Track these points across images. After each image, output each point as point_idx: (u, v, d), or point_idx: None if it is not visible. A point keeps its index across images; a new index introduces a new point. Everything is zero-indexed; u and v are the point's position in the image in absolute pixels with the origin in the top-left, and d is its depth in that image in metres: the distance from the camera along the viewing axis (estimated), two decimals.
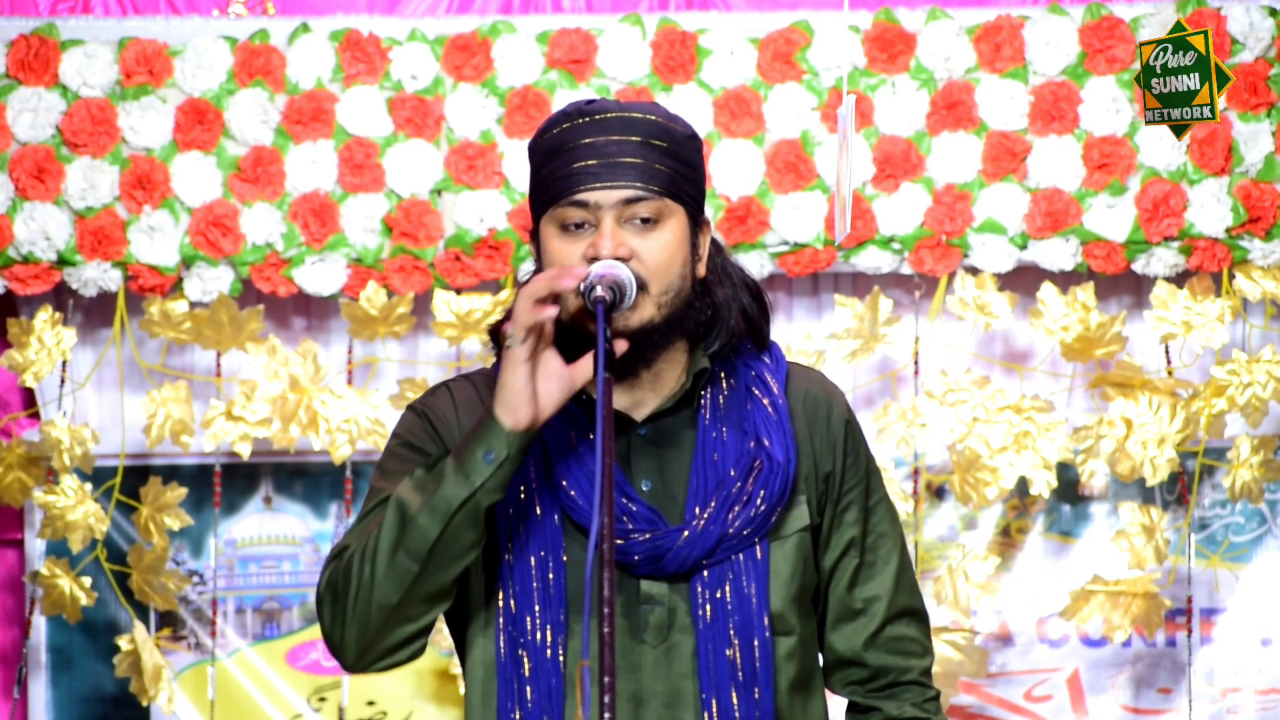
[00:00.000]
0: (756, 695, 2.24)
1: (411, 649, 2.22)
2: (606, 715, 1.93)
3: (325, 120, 4.71)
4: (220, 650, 4.96)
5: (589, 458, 2.25)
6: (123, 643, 4.75)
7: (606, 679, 1.94)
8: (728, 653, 2.24)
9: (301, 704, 4.98)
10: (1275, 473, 4.70)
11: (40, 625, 4.96)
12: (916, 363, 4.82)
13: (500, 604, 2.24)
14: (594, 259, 2.21)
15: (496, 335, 2.33)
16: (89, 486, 4.72)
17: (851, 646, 2.38)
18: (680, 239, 2.27)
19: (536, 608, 2.24)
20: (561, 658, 2.23)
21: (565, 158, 2.25)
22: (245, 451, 4.75)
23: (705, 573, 2.25)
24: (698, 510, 2.25)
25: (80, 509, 4.69)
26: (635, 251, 2.23)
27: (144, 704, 4.80)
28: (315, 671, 5.02)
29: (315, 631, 5.03)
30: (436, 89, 4.73)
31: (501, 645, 2.25)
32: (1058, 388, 4.86)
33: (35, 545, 4.93)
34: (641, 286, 2.22)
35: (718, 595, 2.24)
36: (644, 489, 2.26)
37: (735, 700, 2.23)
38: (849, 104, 2.54)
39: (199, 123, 4.70)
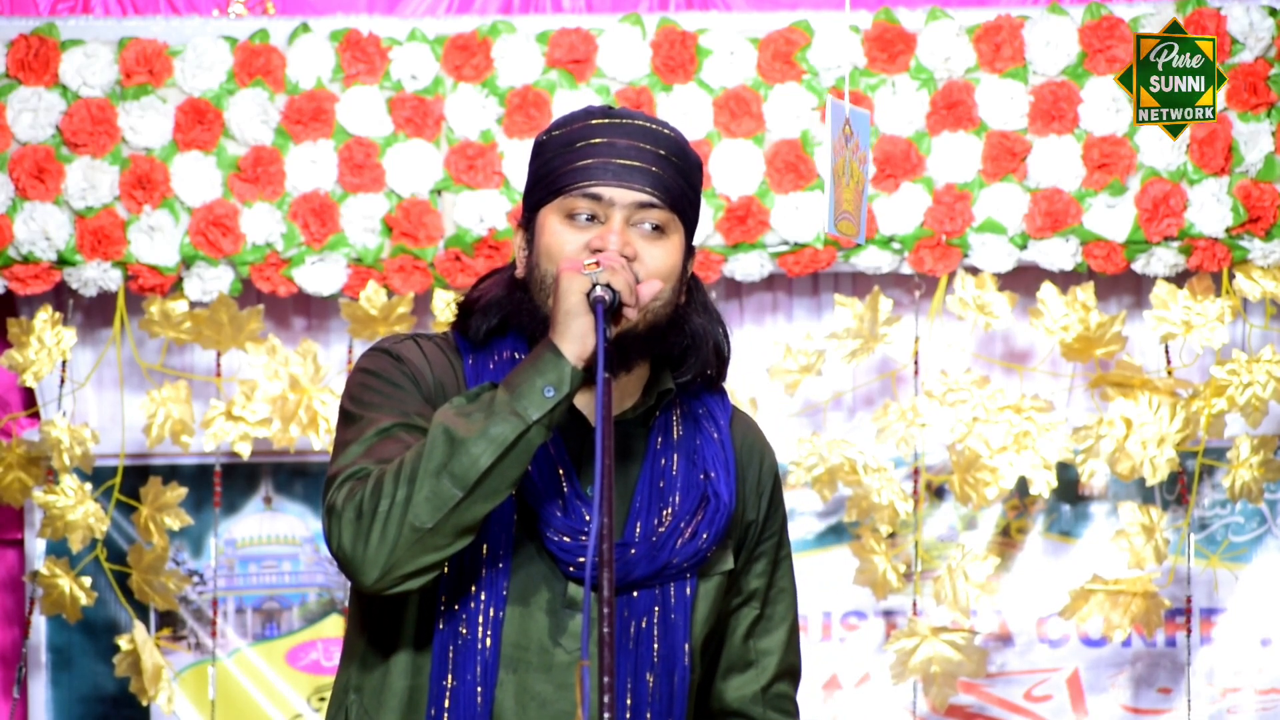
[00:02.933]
0: None
1: (429, 576, 2.16)
2: (606, 715, 1.94)
3: (325, 120, 4.71)
4: (220, 650, 4.96)
5: (543, 453, 2.24)
6: (123, 643, 4.75)
7: (606, 679, 1.95)
8: (648, 680, 2.24)
9: (301, 704, 4.99)
10: (1275, 473, 4.70)
11: (40, 625, 4.96)
12: (916, 363, 4.82)
13: (444, 574, 2.22)
14: (598, 250, 2.22)
15: (464, 309, 2.32)
16: (89, 486, 4.72)
17: (741, 697, 2.40)
18: (679, 255, 2.28)
19: (481, 585, 2.22)
20: (500, 632, 2.22)
21: (581, 151, 2.25)
22: (245, 451, 4.75)
23: (635, 594, 2.25)
24: (639, 528, 2.25)
25: (80, 509, 4.69)
26: (639, 255, 2.24)
27: (144, 704, 4.80)
28: (315, 671, 5.02)
29: (315, 631, 5.03)
30: (436, 89, 4.73)
31: (440, 615, 2.23)
32: (1058, 388, 4.86)
33: (35, 545, 4.93)
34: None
35: (644, 624, 2.25)
36: (588, 493, 2.25)
37: None
38: (841, 106, 2.54)
39: (199, 123, 4.70)
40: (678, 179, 2.27)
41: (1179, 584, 4.86)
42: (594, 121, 2.27)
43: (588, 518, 2.22)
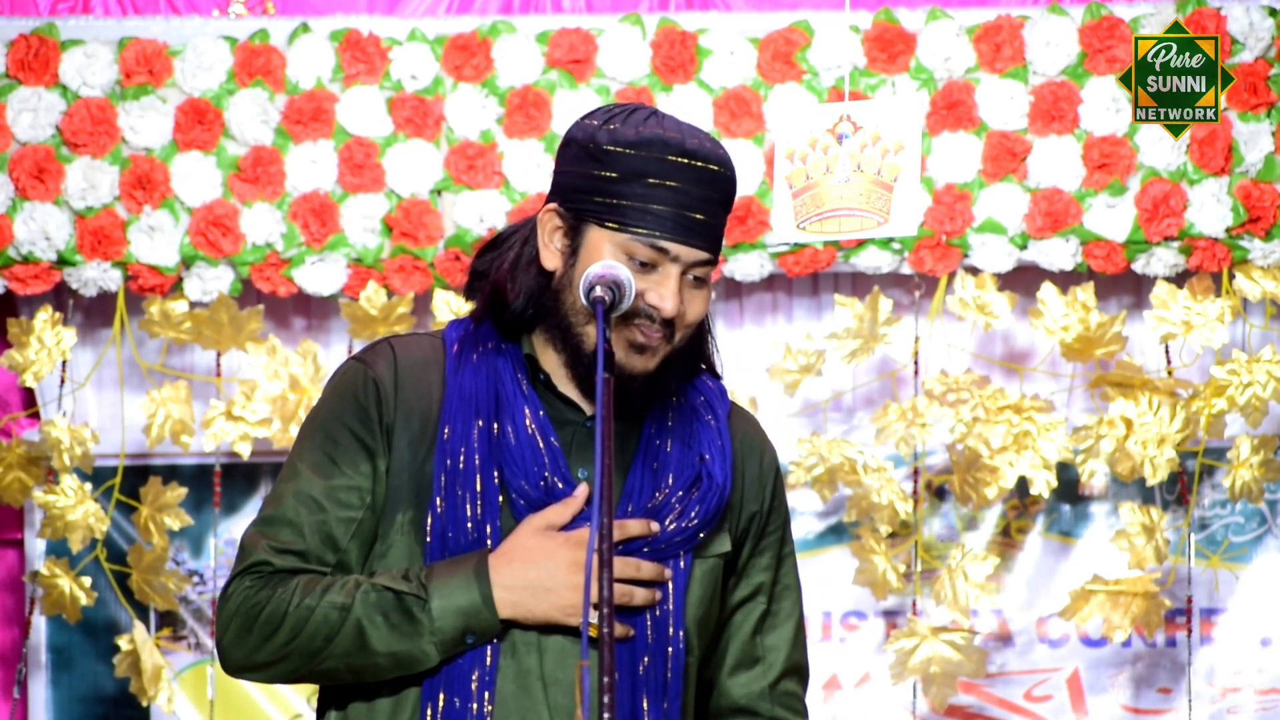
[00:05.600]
0: (666, 705, 2.24)
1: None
2: (606, 716, 1.94)
3: (325, 120, 4.71)
4: None
5: (537, 437, 2.25)
6: (123, 643, 4.75)
7: (606, 679, 1.95)
8: (643, 660, 2.23)
9: (301, 704, 4.99)
10: (1275, 473, 4.70)
11: (40, 625, 4.96)
12: (916, 363, 4.82)
13: (427, 560, 2.23)
14: (654, 307, 2.21)
15: (496, 291, 2.30)
16: (89, 486, 4.72)
17: (748, 694, 2.38)
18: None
19: None
20: None
21: (654, 192, 2.22)
22: (245, 451, 4.75)
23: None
24: (630, 509, 2.25)
25: (80, 509, 4.69)
26: (684, 308, 2.25)
27: (144, 704, 4.80)
28: None
29: None
30: (436, 89, 4.73)
31: None
32: (1058, 388, 4.86)
33: (35, 545, 4.93)
34: (668, 336, 2.23)
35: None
36: (580, 477, 2.26)
37: (646, 705, 2.23)
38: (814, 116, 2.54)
39: (199, 123, 4.70)
40: (724, 225, 2.29)
41: (1179, 584, 4.86)
42: (671, 158, 2.23)
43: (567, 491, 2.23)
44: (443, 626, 2.17)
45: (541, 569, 2.18)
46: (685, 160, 2.24)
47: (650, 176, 2.22)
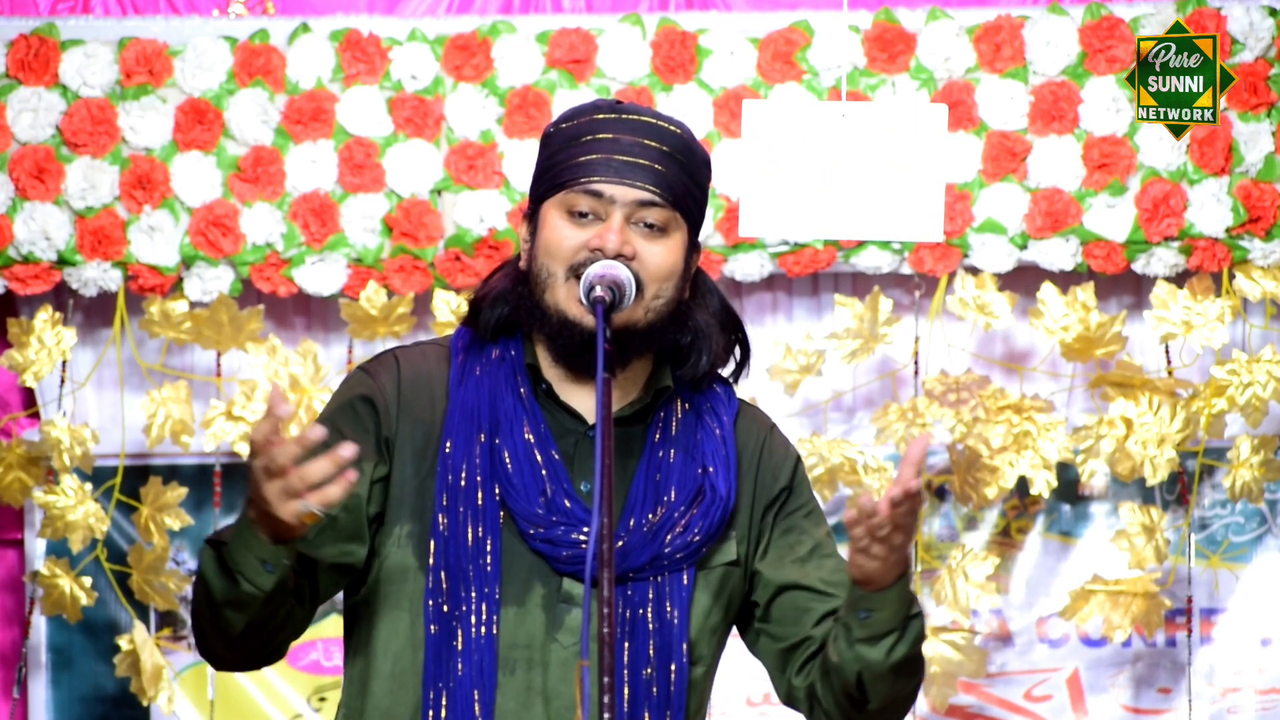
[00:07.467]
0: (668, 717, 2.23)
1: (280, 652, 2.24)
2: (606, 716, 1.94)
3: (325, 120, 4.71)
4: None
5: (536, 452, 2.24)
6: (123, 643, 4.75)
7: (606, 679, 1.95)
8: (645, 672, 2.22)
9: (301, 704, 4.99)
10: (1275, 473, 4.70)
11: (40, 625, 4.95)
12: (916, 363, 4.82)
13: (429, 578, 2.22)
14: (597, 249, 2.22)
15: (474, 305, 2.33)
16: (89, 486, 4.72)
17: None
18: (681, 254, 2.28)
19: (471, 585, 2.21)
20: (495, 632, 2.21)
21: (586, 146, 2.25)
22: (245, 451, 4.75)
23: (629, 589, 2.23)
24: (631, 524, 2.23)
25: (80, 509, 4.69)
26: (638, 253, 2.24)
27: (144, 704, 4.80)
28: (315, 671, 5.02)
29: (315, 631, 5.03)
30: (436, 89, 4.73)
31: (431, 618, 2.22)
32: (1058, 388, 4.86)
33: (35, 545, 4.92)
34: (638, 287, 2.23)
35: (640, 613, 2.23)
36: (582, 489, 2.25)
37: (648, 718, 2.22)
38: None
39: (199, 123, 4.70)
40: (681, 176, 2.26)
41: (1179, 584, 4.86)
42: (600, 116, 2.27)
43: (568, 504, 2.22)
44: (241, 559, 2.14)
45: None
46: (615, 115, 2.28)
47: (583, 136, 2.26)
